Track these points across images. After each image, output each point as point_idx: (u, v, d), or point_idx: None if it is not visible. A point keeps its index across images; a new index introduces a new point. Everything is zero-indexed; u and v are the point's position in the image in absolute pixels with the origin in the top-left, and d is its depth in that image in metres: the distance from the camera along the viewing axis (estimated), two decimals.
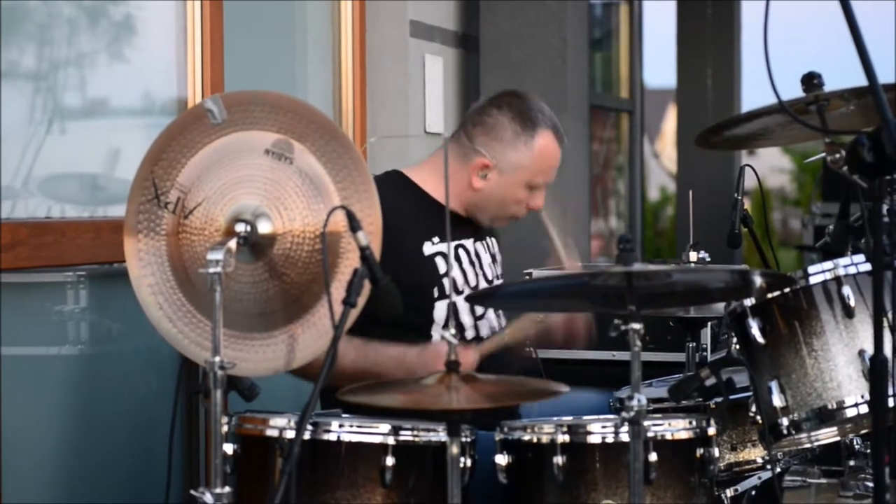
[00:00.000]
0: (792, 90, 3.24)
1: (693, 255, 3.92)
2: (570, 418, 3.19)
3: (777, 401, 3.23)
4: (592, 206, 8.39)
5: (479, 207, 3.77)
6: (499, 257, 3.94)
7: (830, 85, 3.35)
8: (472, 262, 3.78)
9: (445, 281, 3.64)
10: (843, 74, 3.47)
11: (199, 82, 4.33)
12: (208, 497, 2.88)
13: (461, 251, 3.77)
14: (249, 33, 4.74)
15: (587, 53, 6.15)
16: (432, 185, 3.74)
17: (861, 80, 2.66)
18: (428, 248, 3.66)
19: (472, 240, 3.81)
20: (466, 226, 3.82)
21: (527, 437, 3.12)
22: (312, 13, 5.15)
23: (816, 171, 10.95)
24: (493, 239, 3.93)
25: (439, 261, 3.66)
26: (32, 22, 4.02)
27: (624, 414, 2.81)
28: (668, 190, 17.61)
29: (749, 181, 4.09)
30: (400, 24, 5.27)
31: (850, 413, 3.20)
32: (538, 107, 3.80)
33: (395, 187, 3.66)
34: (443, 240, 3.69)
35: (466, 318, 3.69)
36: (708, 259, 3.90)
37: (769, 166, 16.73)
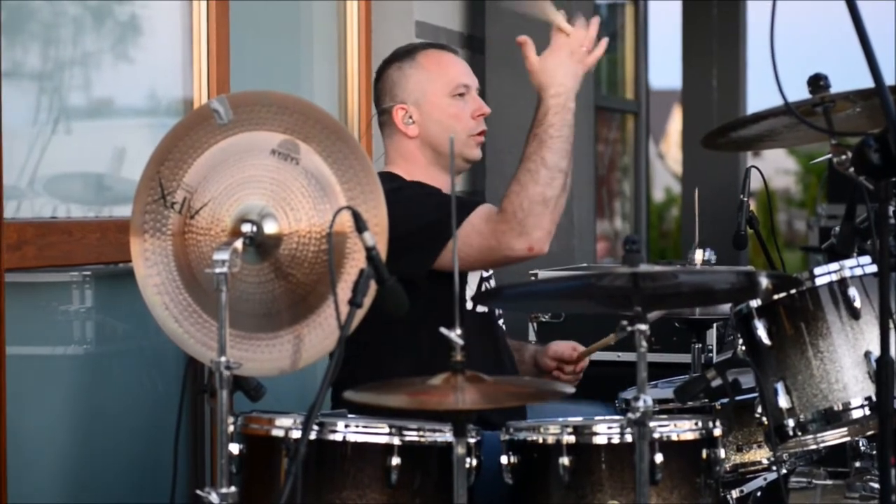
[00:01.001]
0: (797, 91, 3.24)
1: (699, 255, 3.91)
2: (575, 419, 3.19)
3: (783, 402, 3.23)
4: (598, 207, 8.39)
5: (441, 148, 3.69)
6: None
7: (836, 86, 3.35)
8: None
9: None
10: (849, 75, 3.47)
11: (206, 82, 4.33)
12: (214, 497, 2.88)
13: None
14: (255, 33, 4.75)
15: None
16: (425, 179, 3.71)
17: (867, 81, 2.66)
18: None
19: None
20: None
21: (532, 438, 3.12)
22: (318, 14, 5.16)
23: (822, 172, 10.94)
24: None
25: None
26: (39, 21, 4.02)
27: (630, 415, 2.81)
28: (673, 191, 17.61)
29: (755, 182, 4.09)
30: (405, 24, 5.27)
31: (856, 414, 3.20)
32: (411, 44, 3.83)
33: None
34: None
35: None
36: (714, 259, 3.90)
37: (774, 168, 16.72)
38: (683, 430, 3.13)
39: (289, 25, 5.08)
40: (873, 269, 3.23)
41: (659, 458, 3.01)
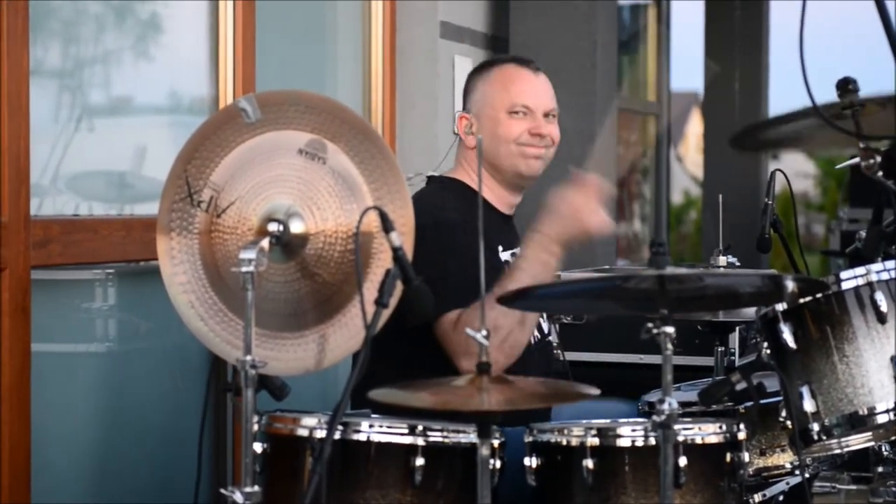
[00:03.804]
0: (820, 93, 3.23)
1: (722, 260, 3.90)
2: (599, 421, 3.19)
3: (808, 406, 3.22)
4: (618, 209, 8.38)
5: (494, 161, 3.71)
6: None
7: (862, 88, 3.33)
8: None
9: None
10: (873, 77, 3.45)
11: (231, 81, 4.34)
12: (238, 496, 2.88)
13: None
14: (280, 33, 4.75)
15: (616, 56, 6.15)
16: (484, 190, 3.73)
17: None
18: (502, 255, 3.69)
19: (518, 248, 3.83)
20: (514, 233, 3.84)
21: (556, 440, 3.12)
22: (343, 13, 5.16)
23: (841, 176, 10.91)
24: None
25: (507, 269, 3.69)
26: (63, 20, 4.03)
27: (655, 417, 2.80)
28: (691, 194, 17.57)
29: (775, 186, 4.07)
30: (430, 24, 5.28)
31: (882, 419, 3.19)
32: (501, 55, 3.84)
33: (462, 195, 3.67)
34: (507, 248, 3.72)
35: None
36: (737, 263, 3.89)
37: (793, 171, 16.56)
38: (708, 433, 3.12)
39: (313, 25, 5.08)
40: None
41: (683, 461, 3.01)
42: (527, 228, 3.50)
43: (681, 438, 3.04)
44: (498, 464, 3.05)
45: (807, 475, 3.57)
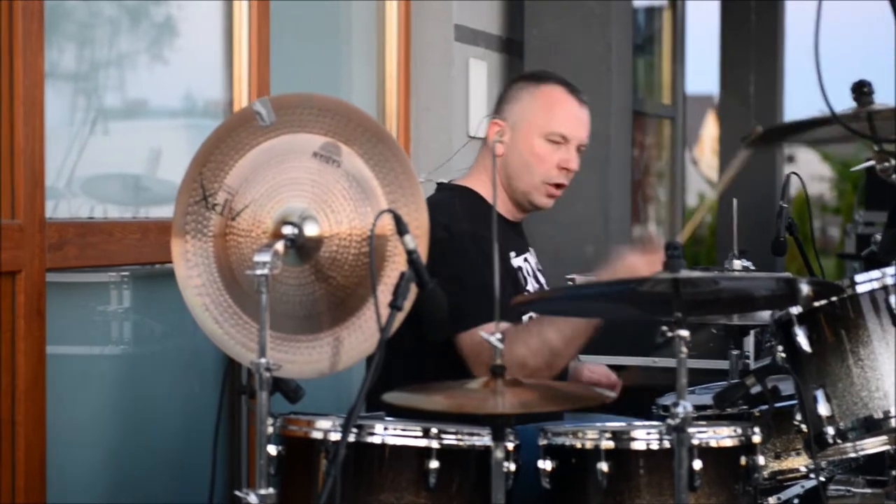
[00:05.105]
0: (834, 95, 3.22)
1: (737, 264, 3.90)
2: (614, 424, 3.18)
3: (823, 409, 3.22)
4: (633, 212, 8.37)
5: (513, 179, 3.72)
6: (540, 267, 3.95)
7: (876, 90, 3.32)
8: (534, 276, 3.80)
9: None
10: (887, 78, 3.44)
11: (246, 84, 4.34)
12: (253, 498, 2.88)
13: (526, 264, 3.78)
14: (294, 35, 4.75)
15: (631, 58, 6.14)
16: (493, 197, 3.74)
17: None
18: (514, 262, 3.70)
19: (528, 252, 3.83)
20: (523, 238, 3.84)
21: (570, 443, 3.11)
22: (357, 15, 5.16)
23: (857, 179, 10.87)
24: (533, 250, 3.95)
25: (520, 275, 3.69)
26: (78, 22, 4.04)
27: (669, 421, 2.80)
28: (707, 197, 17.55)
29: (790, 189, 4.07)
30: (444, 28, 5.27)
31: None
32: (551, 72, 3.82)
33: (473, 204, 3.67)
34: (518, 254, 3.72)
35: None
36: (752, 268, 3.88)
37: (808, 174, 16.62)
38: (722, 436, 3.12)
39: (328, 26, 5.08)
40: None
41: (697, 464, 3.00)
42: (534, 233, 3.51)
43: (695, 442, 3.03)
44: (512, 467, 3.05)
45: (822, 479, 3.57)
